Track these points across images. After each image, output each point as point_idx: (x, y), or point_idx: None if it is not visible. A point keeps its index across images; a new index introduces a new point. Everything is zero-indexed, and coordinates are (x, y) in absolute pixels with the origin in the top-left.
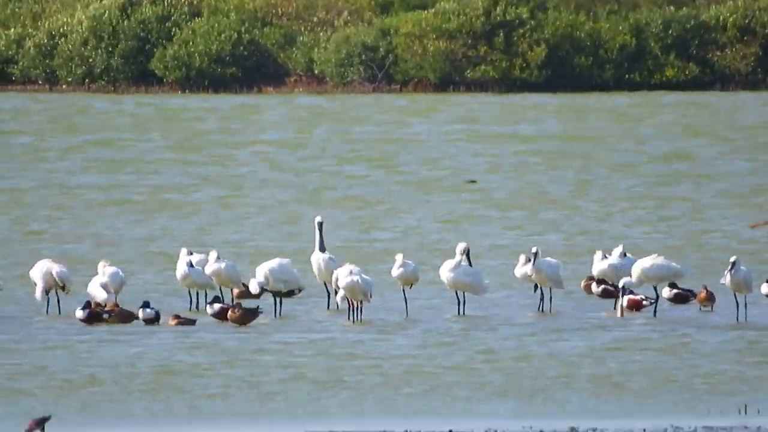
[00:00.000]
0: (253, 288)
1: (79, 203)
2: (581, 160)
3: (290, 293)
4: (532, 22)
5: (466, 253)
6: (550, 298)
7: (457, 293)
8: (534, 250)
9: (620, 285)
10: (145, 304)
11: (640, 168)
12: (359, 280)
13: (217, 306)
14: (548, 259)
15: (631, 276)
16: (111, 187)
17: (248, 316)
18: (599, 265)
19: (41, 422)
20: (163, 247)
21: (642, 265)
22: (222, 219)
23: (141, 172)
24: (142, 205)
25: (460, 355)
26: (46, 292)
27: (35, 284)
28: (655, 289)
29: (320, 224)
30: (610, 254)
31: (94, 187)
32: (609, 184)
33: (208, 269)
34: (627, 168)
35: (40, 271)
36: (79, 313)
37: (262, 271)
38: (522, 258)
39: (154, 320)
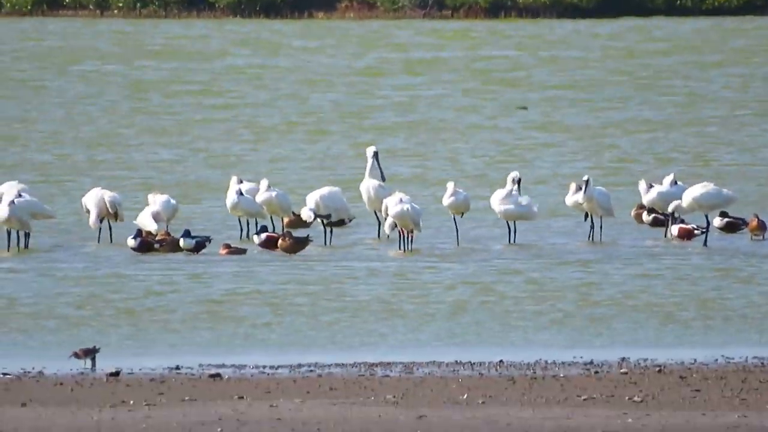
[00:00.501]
0: (306, 215)
1: (130, 131)
2: (633, 89)
3: (341, 222)
4: None
5: (517, 182)
6: (601, 226)
7: (507, 222)
8: (585, 178)
9: (669, 210)
10: (186, 233)
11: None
12: (409, 209)
13: (264, 235)
14: (599, 187)
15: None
16: (159, 114)
17: (299, 244)
18: (650, 193)
19: (89, 352)
20: (211, 176)
21: (693, 192)
22: (271, 146)
23: (201, 96)
24: (192, 133)
25: (510, 284)
26: (99, 219)
27: (88, 211)
28: (706, 217)
29: (376, 153)
30: (654, 184)
31: (144, 113)
32: (660, 112)
33: (259, 197)
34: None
35: (93, 198)
36: (131, 242)
37: (313, 198)
38: (573, 186)
39: (194, 249)
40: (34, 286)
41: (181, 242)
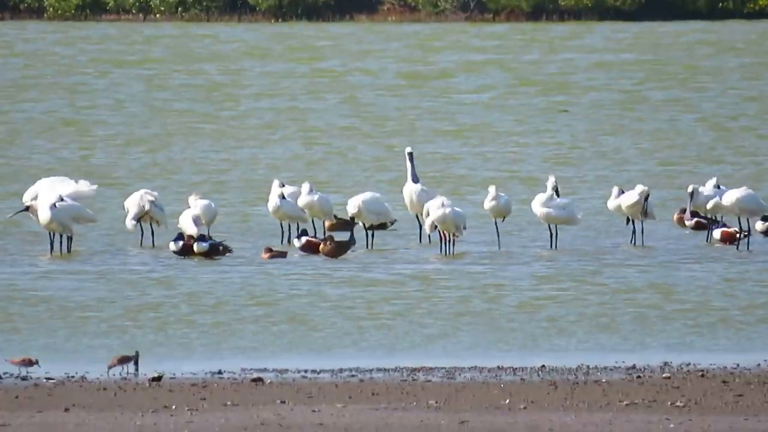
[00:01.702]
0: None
1: (174, 132)
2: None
3: (382, 225)
4: None
5: (555, 187)
6: (642, 230)
7: (549, 226)
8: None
9: (708, 207)
10: (201, 238)
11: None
12: (451, 212)
13: (304, 239)
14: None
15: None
16: (201, 115)
17: (341, 248)
18: (694, 197)
19: (125, 360)
20: (253, 179)
21: (733, 195)
22: (312, 150)
23: (235, 100)
24: (232, 135)
25: (553, 286)
26: (138, 221)
27: (128, 212)
28: (748, 221)
29: (410, 155)
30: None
31: (189, 113)
32: (702, 116)
33: (301, 201)
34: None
35: (133, 200)
36: (173, 246)
37: (355, 203)
38: (615, 190)
39: (209, 253)
40: (77, 290)
41: (195, 246)
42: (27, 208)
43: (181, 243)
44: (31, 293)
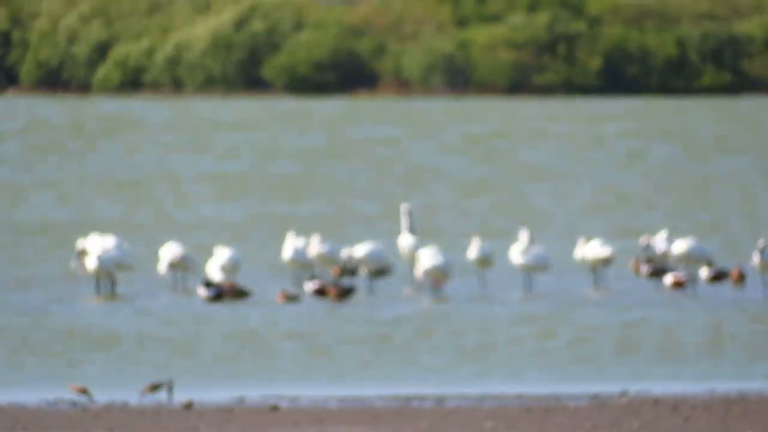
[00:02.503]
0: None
1: (198, 192)
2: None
3: (382, 272)
4: (589, 35)
5: (531, 238)
6: (604, 277)
7: (527, 273)
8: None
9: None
10: (207, 284)
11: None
12: (440, 261)
13: (315, 283)
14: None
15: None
16: (225, 177)
17: (346, 292)
18: (647, 248)
19: (156, 387)
20: (270, 232)
21: (682, 246)
22: (323, 206)
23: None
24: (257, 192)
25: (528, 325)
26: (170, 268)
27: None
28: (694, 269)
29: (408, 213)
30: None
31: (207, 176)
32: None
33: (312, 251)
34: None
35: (167, 251)
36: (201, 292)
37: (359, 253)
38: (581, 240)
39: (215, 298)
40: (121, 328)
41: (200, 290)
42: (80, 253)
43: (209, 289)
44: (82, 330)
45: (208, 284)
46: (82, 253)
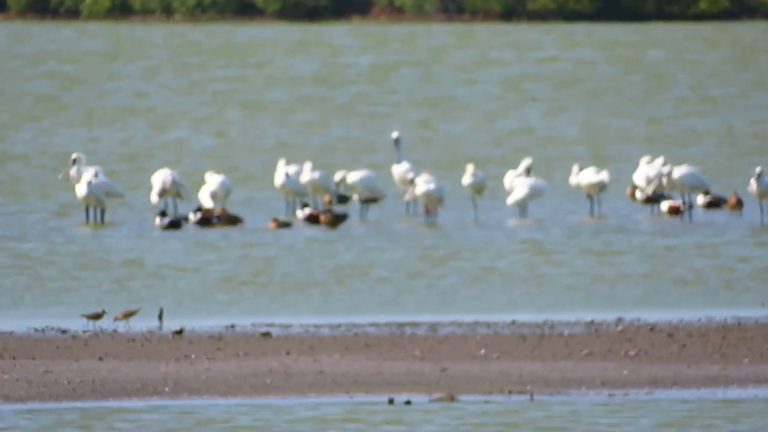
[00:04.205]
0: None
1: (194, 114)
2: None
3: (374, 200)
4: None
5: (529, 168)
6: (599, 203)
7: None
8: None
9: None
10: (162, 214)
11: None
12: (434, 187)
13: (307, 211)
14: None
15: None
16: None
17: (338, 219)
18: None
19: (129, 314)
20: (263, 158)
21: (677, 173)
22: (310, 131)
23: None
24: (250, 116)
25: (521, 254)
26: (161, 196)
27: (153, 188)
28: (690, 196)
29: (396, 140)
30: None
31: (199, 104)
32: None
33: (304, 178)
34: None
35: (157, 178)
36: (192, 217)
37: (352, 180)
38: (575, 167)
39: (171, 226)
40: (110, 256)
41: (156, 220)
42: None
43: (199, 215)
44: (71, 257)
45: (198, 210)
46: (75, 162)
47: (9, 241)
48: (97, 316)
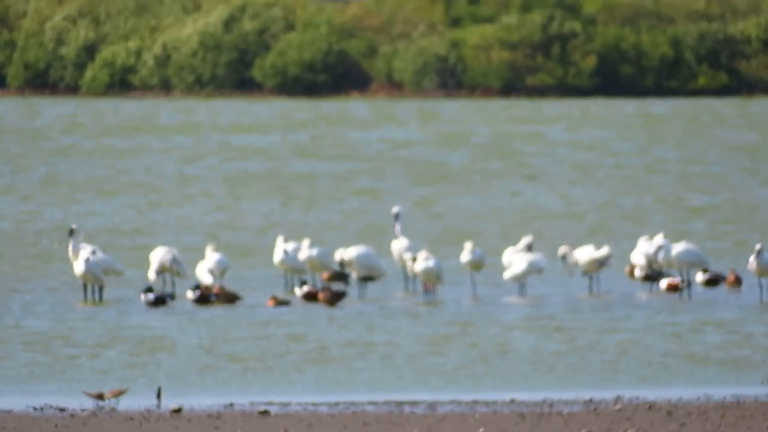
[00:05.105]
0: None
1: (193, 194)
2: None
3: (372, 277)
4: (584, 35)
5: (530, 244)
6: (597, 281)
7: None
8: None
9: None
10: (148, 290)
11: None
12: (433, 265)
13: (305, 289)
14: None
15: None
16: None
17: (337, 297)
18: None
19: (119, 393)
20: (262, 239)
21: (675, 250)
22: (316, 211)
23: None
24: (257, 195)
25: (520, 333)
26: (158, 274)
27: (151, 265)
28: (688, 273)
29: (396, 215)
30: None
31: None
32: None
33: (302, 255)
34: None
35: (156, 255)
36: (190, 294)
37: (349, 256)
38: (564, 248)
39: (156, 303)
40: (108, 333)
41: (142, 297)
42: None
43: (198, 293)
44: (68, 335)
45: (197, 288)
46: (72, 234)
47: (8, 317)
48: (100, 396)
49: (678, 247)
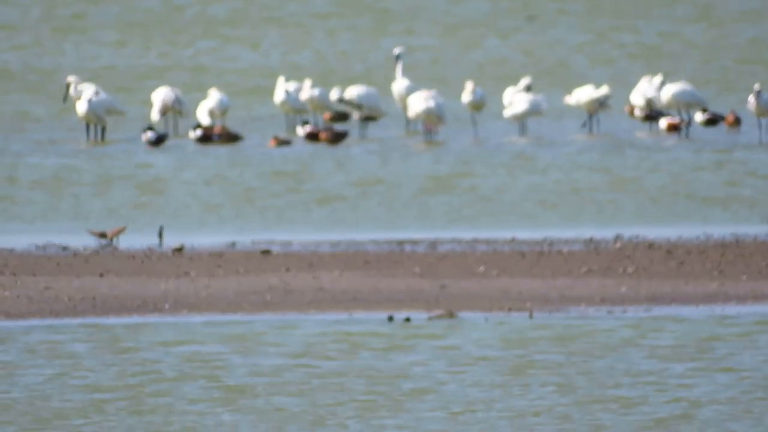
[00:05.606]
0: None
1: (195, 32)
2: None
3: (374, 117)
4: None
5: (528, 86)
6: (597, 120)
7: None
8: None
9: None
10: (148, 128)
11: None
12: (434, 104)
13: (307, 128)
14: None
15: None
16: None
17: (338, 137)
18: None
19: (103, 235)
20: (258, 78)
21: (671, 90)
22: (305, 46)
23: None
24: (246, 34)
25: (520, 171)
26: (162, 113)
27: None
28: (688, 113)
29: (398, 56)
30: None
31: (209, 20)
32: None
33: (303, 95)
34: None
35: (158, 95)
36: (192, 134)
37: (351, 94)
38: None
39: (157, 142)
40: (111, 172)
41: (143, 137)
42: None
43: (200, 132)
44: (72, 174)
45: (198, 127)
46: (68, 87)
47: (11, 156)
48: (102, 235)
49: (676, 87)
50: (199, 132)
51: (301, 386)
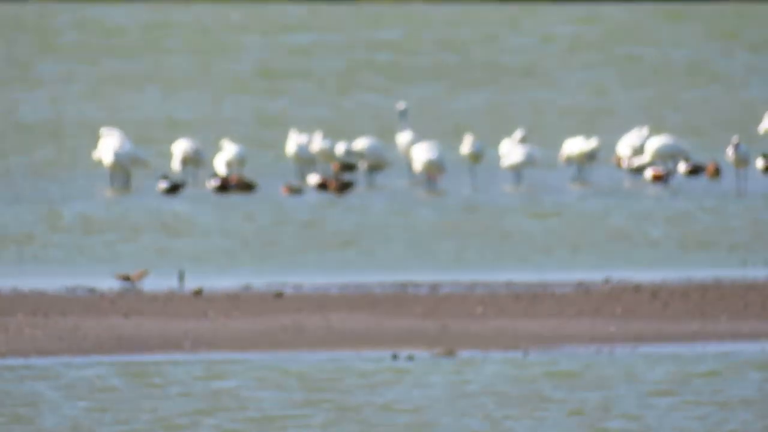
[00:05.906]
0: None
1: (200, 92)
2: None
3: (380, 167)
4: None
5: (523, 137)
6: (586, 171)
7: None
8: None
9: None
10: (164, 177)
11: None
12: (435, 156)
13: (316, 178)
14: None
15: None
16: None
17: (346, 186)
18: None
19: (126, 278)
20: (272, 131)
21: (655, 143)
22: (324, 106)
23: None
24: (259, 88)
25: (515, 218)
26: (182, 164)
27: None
28: (670, 164)
29: (402, 112)
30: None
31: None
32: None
33: (314, 147)
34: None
35: (178, 147)
36: (210, 183)
37: (358, 146)
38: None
39: (170, 191)
40: (134, 220)
41: (158, 185)
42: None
43: (218, 181)
44: (97, 221)
45: (215, 176)
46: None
47: (45, 203)
48: (126, 278)
49: (659, 140)
50: (216, 181)
51: (312, 419)
